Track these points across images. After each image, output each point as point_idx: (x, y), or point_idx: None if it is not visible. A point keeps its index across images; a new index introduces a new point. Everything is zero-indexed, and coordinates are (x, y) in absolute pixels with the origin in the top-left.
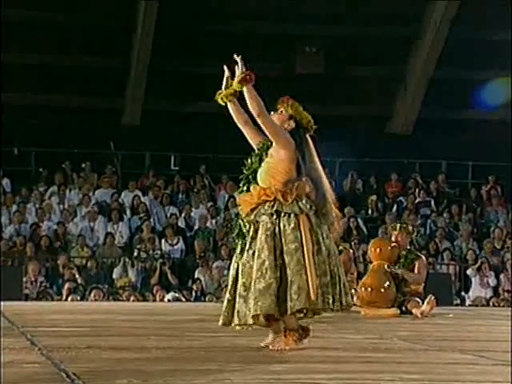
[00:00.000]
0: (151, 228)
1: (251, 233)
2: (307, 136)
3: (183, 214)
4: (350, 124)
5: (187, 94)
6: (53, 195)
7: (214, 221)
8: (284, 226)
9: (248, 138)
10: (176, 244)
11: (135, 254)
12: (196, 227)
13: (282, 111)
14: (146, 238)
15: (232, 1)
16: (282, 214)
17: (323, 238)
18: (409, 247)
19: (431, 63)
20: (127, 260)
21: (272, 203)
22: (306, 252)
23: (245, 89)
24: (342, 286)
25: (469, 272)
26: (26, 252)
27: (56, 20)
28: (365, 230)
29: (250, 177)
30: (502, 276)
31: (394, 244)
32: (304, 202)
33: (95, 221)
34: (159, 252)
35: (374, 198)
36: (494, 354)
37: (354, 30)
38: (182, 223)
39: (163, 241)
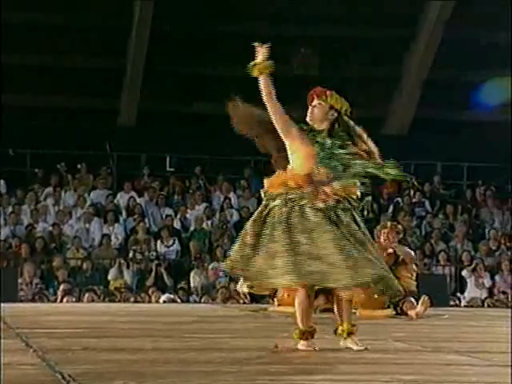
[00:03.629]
0: (146, 229)
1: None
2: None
3: (179, 215)
4: None
5: (183, 95)
6: (48, 196)
7: (209, 222)
8: (307, 211)
9: (274, 115)
10: (171, 245)
11: (130, 255)
12: (191, 228)
13: (320, 103)
14: (142, 239)
15: (228, 1)
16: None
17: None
18: (396, 244)
19: (426, 64)
20: (122, 261)
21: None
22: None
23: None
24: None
25: (464, 273)
26: (22, 253)
27: (53, 21)
28: None
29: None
30: (497, 277)
31: (390, 251)
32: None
33: (90, 222)
34: (154, 253)
35: (369, 198)
36: (490, 354)
37: (349, 30)
38: (177, 224)
39: (159, 242)
